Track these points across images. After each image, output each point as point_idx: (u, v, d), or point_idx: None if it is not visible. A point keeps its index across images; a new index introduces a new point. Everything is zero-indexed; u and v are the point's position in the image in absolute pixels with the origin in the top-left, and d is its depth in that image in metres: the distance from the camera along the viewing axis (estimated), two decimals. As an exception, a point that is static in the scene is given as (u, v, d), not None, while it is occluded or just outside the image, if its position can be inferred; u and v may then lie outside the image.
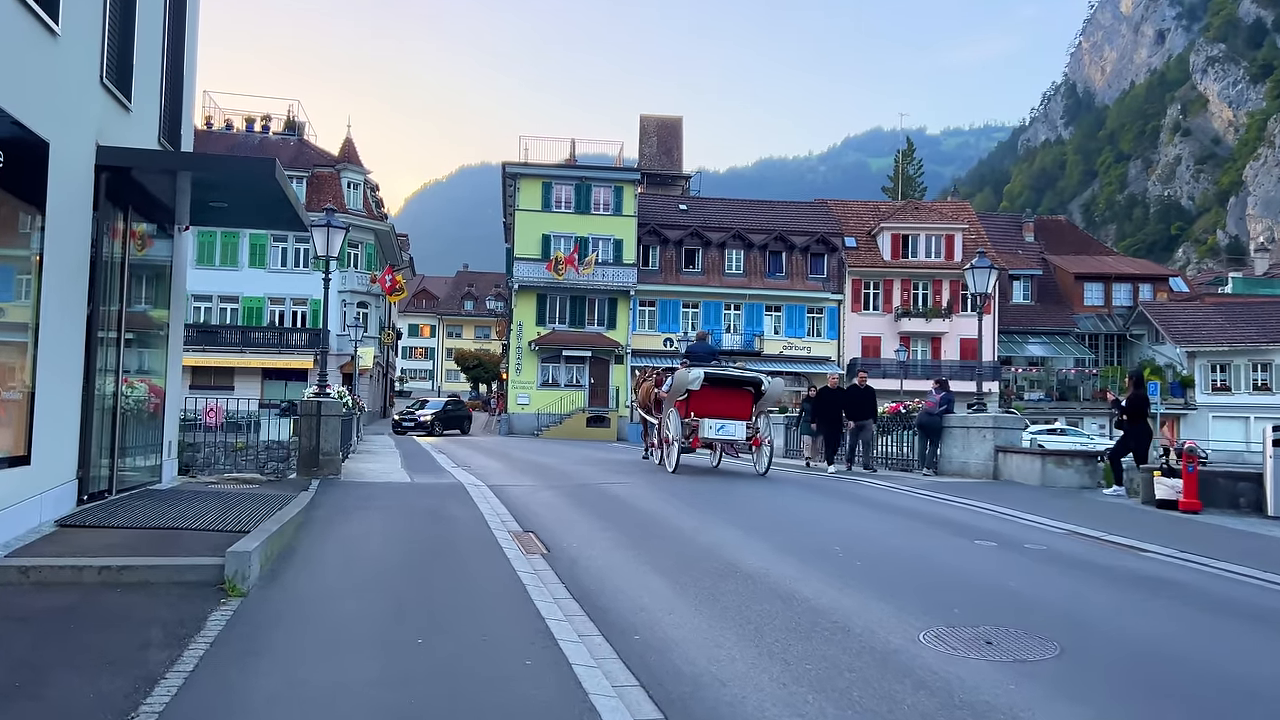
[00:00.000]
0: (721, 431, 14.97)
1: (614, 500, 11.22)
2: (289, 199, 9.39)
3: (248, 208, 10.04)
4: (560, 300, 45.66)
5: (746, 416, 15.23)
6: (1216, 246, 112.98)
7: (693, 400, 14.97)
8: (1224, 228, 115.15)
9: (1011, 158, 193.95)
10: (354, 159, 48.61)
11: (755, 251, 47.88)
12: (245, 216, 10.73)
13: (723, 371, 15.79)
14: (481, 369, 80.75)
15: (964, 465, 15.04)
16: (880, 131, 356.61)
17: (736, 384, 15.53)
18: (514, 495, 11.47)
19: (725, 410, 15.06)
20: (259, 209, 10.08)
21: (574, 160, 47.10)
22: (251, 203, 9.75)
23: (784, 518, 10.28)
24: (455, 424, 44.38)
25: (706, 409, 14.96)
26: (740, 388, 15.50)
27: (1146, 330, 51.16)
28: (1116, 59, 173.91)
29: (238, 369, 45.98)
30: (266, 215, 10.46)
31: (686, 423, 14.93)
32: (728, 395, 15.22)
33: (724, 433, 15.01)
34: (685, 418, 14.93)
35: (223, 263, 46.26)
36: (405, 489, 11.87)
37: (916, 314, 47.62)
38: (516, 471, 15.84)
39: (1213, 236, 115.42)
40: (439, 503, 10.48)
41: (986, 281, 15.23)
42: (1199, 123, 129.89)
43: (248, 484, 11.56)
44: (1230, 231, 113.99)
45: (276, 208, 9.82)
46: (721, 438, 15.15)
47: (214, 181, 9.16)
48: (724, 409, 15.07)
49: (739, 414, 15.15)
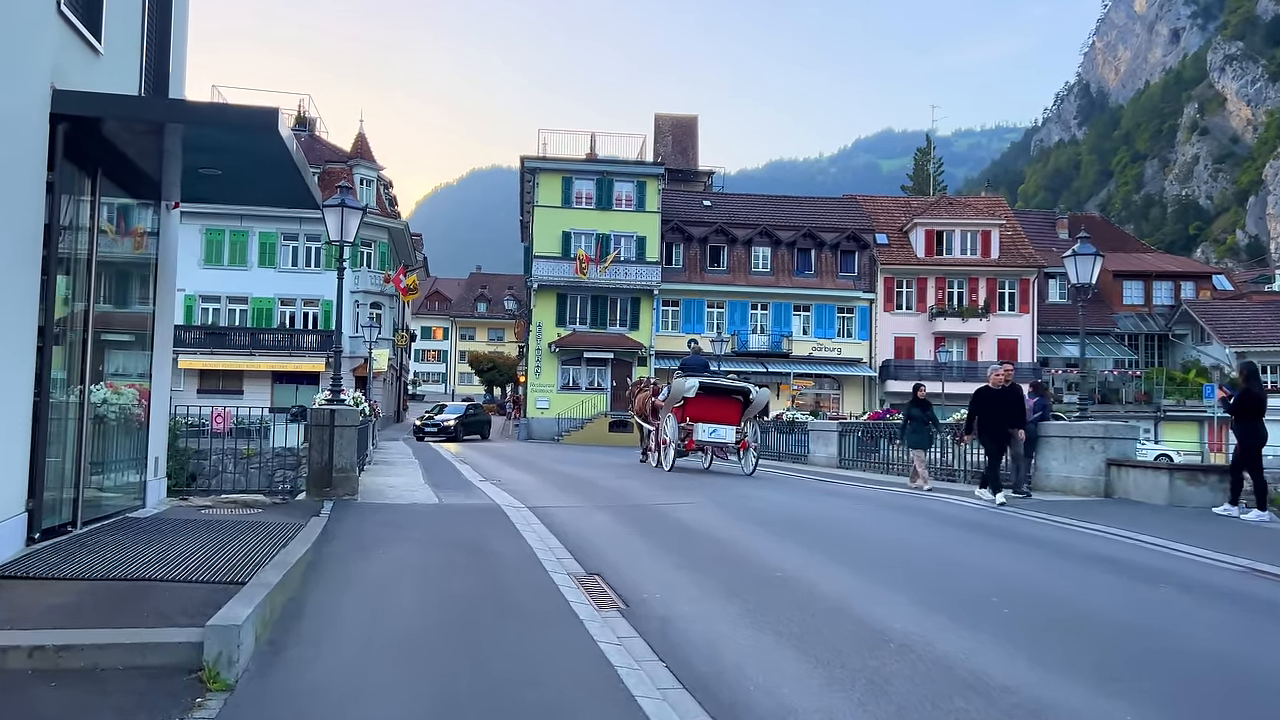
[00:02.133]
0: (713, 435, 16.73)
1: (681, 527, 9.43)
2: (295, 162, 7.65)
3: (245, 175, 8.30)
4: (581, 300, 43.90)
5: (736, 422, 16.89)
6: (1236, 246, 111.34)
7: (688, 407, 16.68)
8: (1243, 227, 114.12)
9: (1024, 158, 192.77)
10: (367, 155, 46.99)
11: (783, 249, 46.04)
12: (242, 188, 8.97)
13: (715, 381, 17.89)
14: (496, 371, 79.08)
15: (1066, 481, 13.20)
16: (891, 133, 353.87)
17: (727, 393, 17.26)
18: (561, 520, 9.71)
19: (717, 416, 16.77)
20: (259, 176, 8.34)
21: (594, 155, 45.35)
22: (250, 168, 8.02)
23: (903, 555, 8.46)
24: (476, 429, 42.68)
25: (700, 415, 16.67)
26: (730, 396, 17.17)
27: (1190, 330, 49.14)
28: (1131, 58, 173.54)
29: (247, 372, 44.44)
30: (268, 185, 8.72)
31: (682, 427, 16.66)
32: (719, 403, 16.89)
33: (715, 436, 16.75)
34: (681, 422, 16.66)
35: (231, 262, 44.75)
36: (434, 513, 10.11)
37: (952, 313, 45.69)
38: (553, 487, 14.08)
39: (1232, 236, 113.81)
40: (477, 533, 8.71)
41: (1091, 270, 13.36)
42: (1217, 121, 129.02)
43: (249, 507, 9.83)
44: (1250, 231, 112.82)
45: (279, 174, 8.08)
46: (713, 441, 16.88)
47: (202, 139, 7.42)
48: (716, 415, 16.77)
49: (729, 420, 16.83)
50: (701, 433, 16.60)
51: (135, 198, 8.65)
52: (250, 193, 9.31)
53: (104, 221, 7.77)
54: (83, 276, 7.23)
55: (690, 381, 16.70)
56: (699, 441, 16.82)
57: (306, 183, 8.22)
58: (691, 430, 16.62)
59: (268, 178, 8.29)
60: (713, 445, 17.14)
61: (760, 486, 14.21)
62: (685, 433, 16.67)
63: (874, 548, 8.53)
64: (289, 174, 7.93)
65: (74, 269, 7.06)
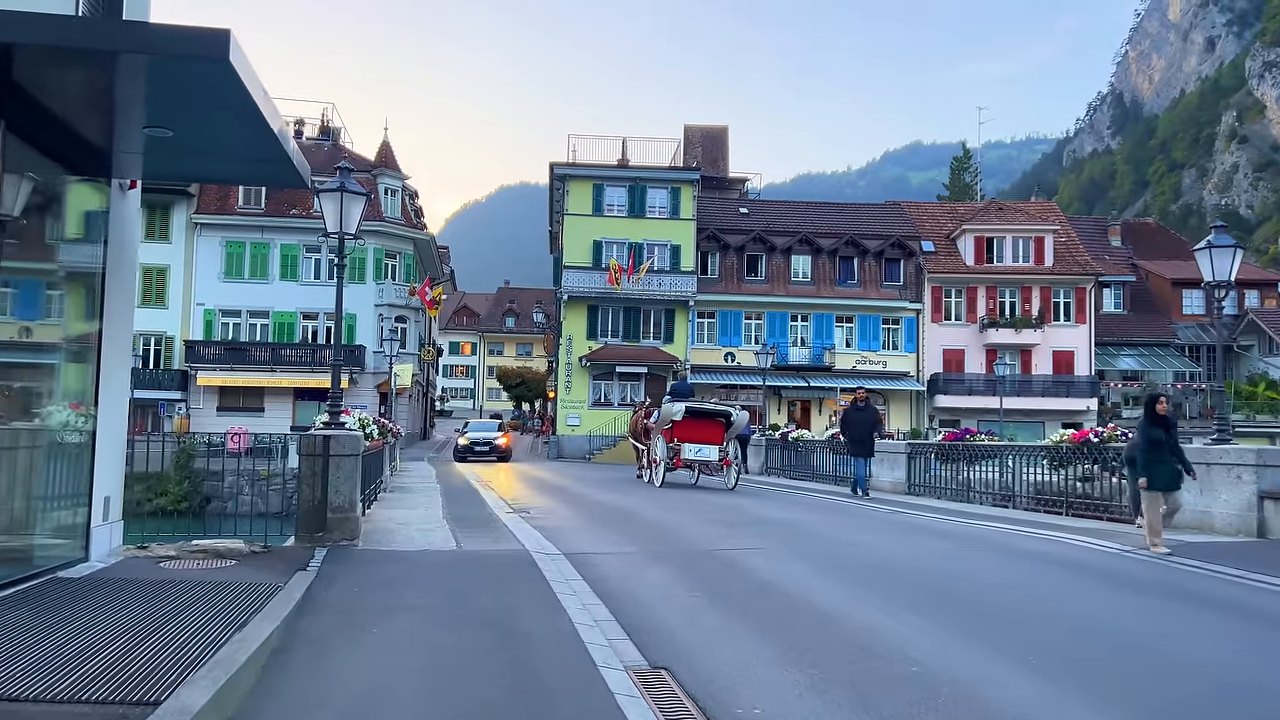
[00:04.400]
0: (699, 454, 18.55)
1: (763, 588, 7.41)
2: (262, 115, 5.77)
3: (205, 135, 6.45)
4: (613, 312, 41.97)
5: (719, 441, 18.66)
6: (1279, 256, 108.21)
7: (676, 428, 18.48)
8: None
9: (1056, 169, 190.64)
10: (391, 164, 45.48)
11: (824, 257, 43.89)
12: (207, 155, 7.03)
13: (700, 405, 19.64)
14: (524, 387, 77.30)
15: (1202, 516, 11.04)
16: (920, 145, 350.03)
17: (711, 416, 19.00)
18: (606, 575, 7.74)
19: (702, 437, 18.55)
20: (221, 136, 6.48)
21: (626, 161, 43.51)
22: (207, 123, 6.16)
23: (1075, 636, 6.38)
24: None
25: (687, 436, 18.48)
26: (714, 419, 18.91)
27: (1257, 340, 46.48)
28: (1165, 67, 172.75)
29: (268, 389, 42.94)
30: (237, 150, 6.81)
31: (670, 446, 18.54)
32: (704, 425, 18.66)
33: (700, 455, 18.58)
34: (670, 443, 18.55)
35: (252, 275, 43.33)
36: (450, 565, 8.15)
37: (1004, 324, 43.29)
38: (590, 521, 12.11)
39: (1274, 246, 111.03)
40: (503, 599, 6.75)
41: (1230, 266, 11.22)
42: (1256, 129, 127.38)
43: (222, 559, 7.94)
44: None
45: (245, 132, 6.22)
46: (699, 459, 18.72)
47: (134, 78, 5.55)
48: (701, 436, 18.55)
49: (713, 439, 18.60)
50: (688, 452, 18.50)
51: (72, 171, 6.82)
52: (218, 162, 7.41)
53: (18, 199, 5.94)
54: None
55: (677, 406, 18.52)
56: (686, 460, 18.73)
57: (282, 145, 6.34)
58: (679, 450, 18.51)
59: (232, 137, 6.43)
60: (698, 463, 18.99)
61: (843, 526, 12.17)
62: (673, 452, 18.57)
63: (1026, 623, 6.46)
64: (256, 131, 6.05)
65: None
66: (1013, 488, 14.95)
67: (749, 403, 42.45)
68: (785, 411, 42.73)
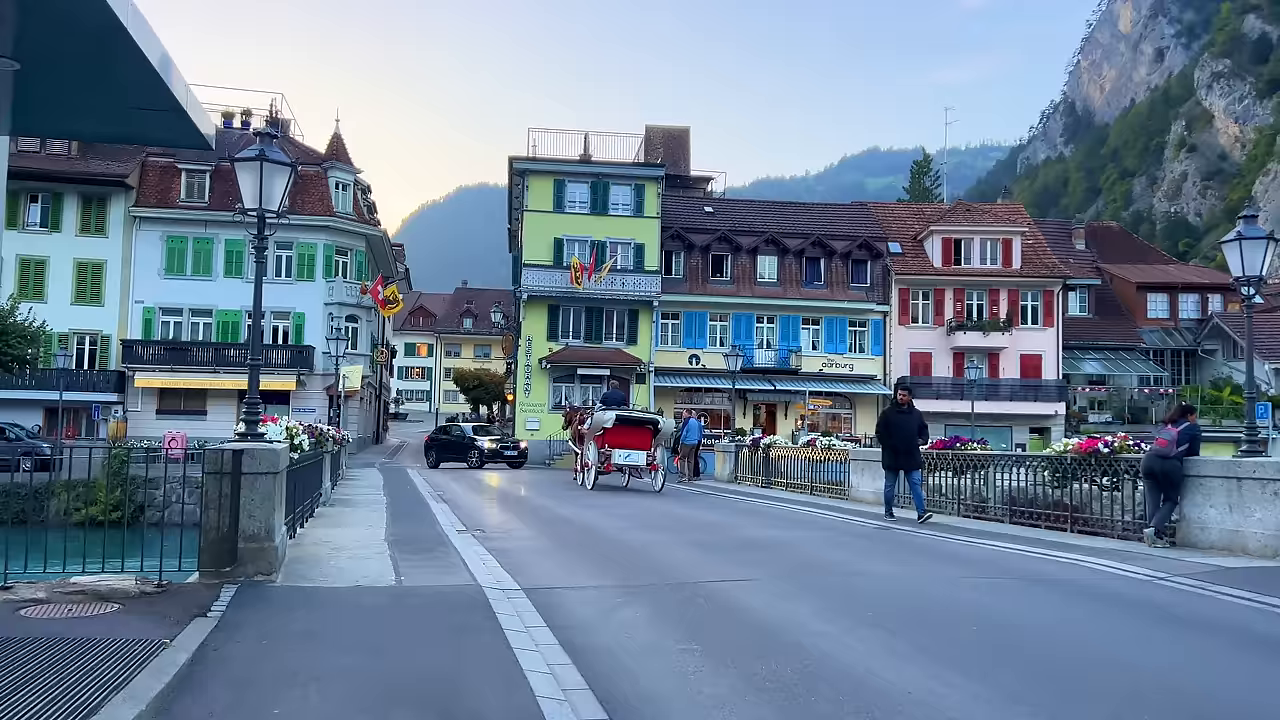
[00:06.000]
0: (628, 459, 19.84)
1: (764, 635, 6.10)
2: (131, 38, 4.36)
3: (66, 70, 5.00)
4: (574, 312, 40.55)
5: (647, 447, 19.97)
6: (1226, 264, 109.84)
7: (607, 435, 19.54)
8: None
9: (1011, 176, 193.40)
10: (343, 157, 43.65)
11: (790, 258, 42.86)
12: (72, 97, 5.57)
13: (629, 413, 20.55)
14: (482, 389, 75.46)
15: (1233, 537, 9.95)
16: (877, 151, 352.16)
17: (639, 423, 20.24)
18: (576, 621, 6.41)
19: (631, 443, 19.75)
20: (87, 71, 5.03)
21: (588, 156, 42.13)
22: (64, 50, 4.72)
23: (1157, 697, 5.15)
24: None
25: (617, 442, 19.63)
26: (643, 426, 20.19)
27: (1221, 344, 46.26)
28: (1116, 76, 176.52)
29: (211, 391, 40.89)
30: (110, 95, 5.38)
31: (602, 452, 19.70)
32: (633, 432, 19.85)
33: (630, 460, 19.87)
34: (601, 448, 19.69)
35: (195, 272, 41.25)
36: (385, 609, 6.72)
37: (972, 327, 42.57)
38: (557, 546, 10.74)
39: (1221, 253, 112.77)
40: (447, 659, 5.38)
41: (1262, 259, 10.15)
42: (1205, 139, 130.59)
43: (103, 603, 6.47)
44: None
45: (119, 70, 4.79)
46: (628, 464, 20.03)
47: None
48: (630, 442, 19.75)
49: (641, 445, 19.90)
50: (618, 457, 19.73)
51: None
52: (91, 111, 5.92)
53: None
54: None
55: (608, 414, 19.52)
56: (616, 464, 19.97)
57: (164, 83, 4.92)
58: (610, 455, 19.68)
59: (98, 73, 4.99)
60: (628, 467, 20.26)
61: (837, 548, 10.95)
62: (605, 456, 19.73)
63: (1096, 680, 5.21)
64: (127, 62, 4.62)
65: None
66: (1009, 500, 13.83)
67: (713, 406, 41.35)
68: (750, 415, 41.63)
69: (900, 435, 14.14)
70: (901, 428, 14.17)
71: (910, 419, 14.26)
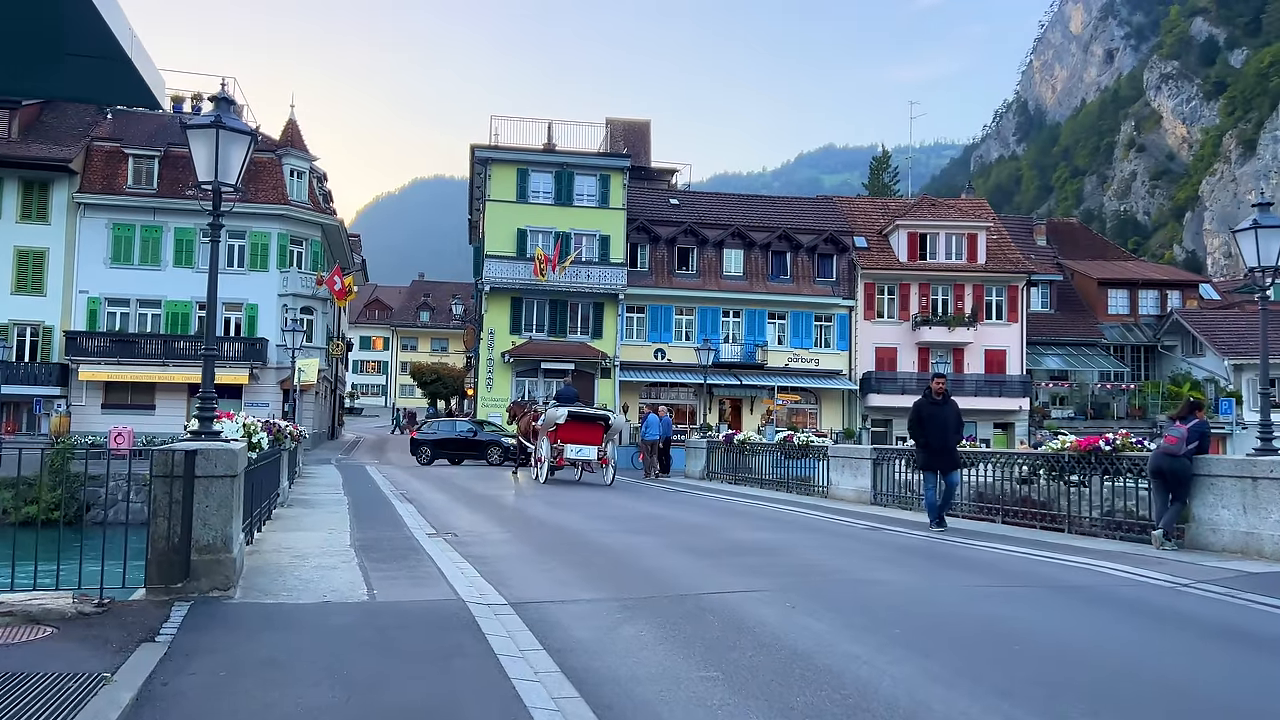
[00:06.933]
0: (580, 454, 20.46)
1: (789, 655, 5.46)
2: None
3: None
4: (538, 305, 39.72)
5: (598, 442, 20.58)
6: (1174, 261, 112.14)
7: (559, 431, 20.12)
8: (1180, 242, 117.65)
9: (965, 174, 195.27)
10: (298, 143, 42.32)
11: (757, 251, 42.41)
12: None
13: (581, 410, 21.08)
14: (440, 384, 74.29)
15: (1248, 538, 9.53)
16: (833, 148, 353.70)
17: (591, 419, 20.92)
18: (576, 643, 5.73)
19: (583, 438, 20.41)
20: (8, 7, 4.23)
21: (552, 146, 41.28)
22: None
23: None
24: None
25: (570, 438, 20.24)
26: (594, 422, 20.87)
27: (1180, 340, 46.64)
28: (1067, 77, 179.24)
29: (160, 385, 39.41)
30: (36, 37, 4.58)
31: (554, 447, 20.25)
32: (585, 428, 20.54)
33: (581, 455, 20.49)
34: (554, 443, 20.23)
35: (143, 261, 39.75)
36: (359, 629, 5.96)
37: (937, 322, 42.43)
38: (537, 550, 10.02)
39: (1169, 251, 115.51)
40: (435, 691, 4.67)
41: (1276, 249, 9.73)
42: (1153, 139, 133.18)
43: (37, 624, 5.67)
44: (1187, 246, 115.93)
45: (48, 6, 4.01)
46: (580, 458, 20.66)
47: None
48: (582, 437, 20.41)
49: (593, 441, 20.56)
50: (570, 452, 20.36)
51: None
52: (17, 57, 5.10)
53: None
54: None
55: (561, 411, 20.05)
56: (569, 459, 20.57)
57: (102, 20, 4.14)
58: (562, 450, 20.28)
59: (24, 6, 4.19)
60: (580, 462, 20.89)
61: (840, 553, 10.37)
62: (557, 451, 20.30)
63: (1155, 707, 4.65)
64: None
65: None
66: (1001, 500, 13.38)
67: (679, 401, 40.79)
68: (716, 410, 41.13)
69: (935, 430, 12.33)
70: (936, 421, 12.32)
71: (946, 411, 12.42)
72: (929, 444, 12.36)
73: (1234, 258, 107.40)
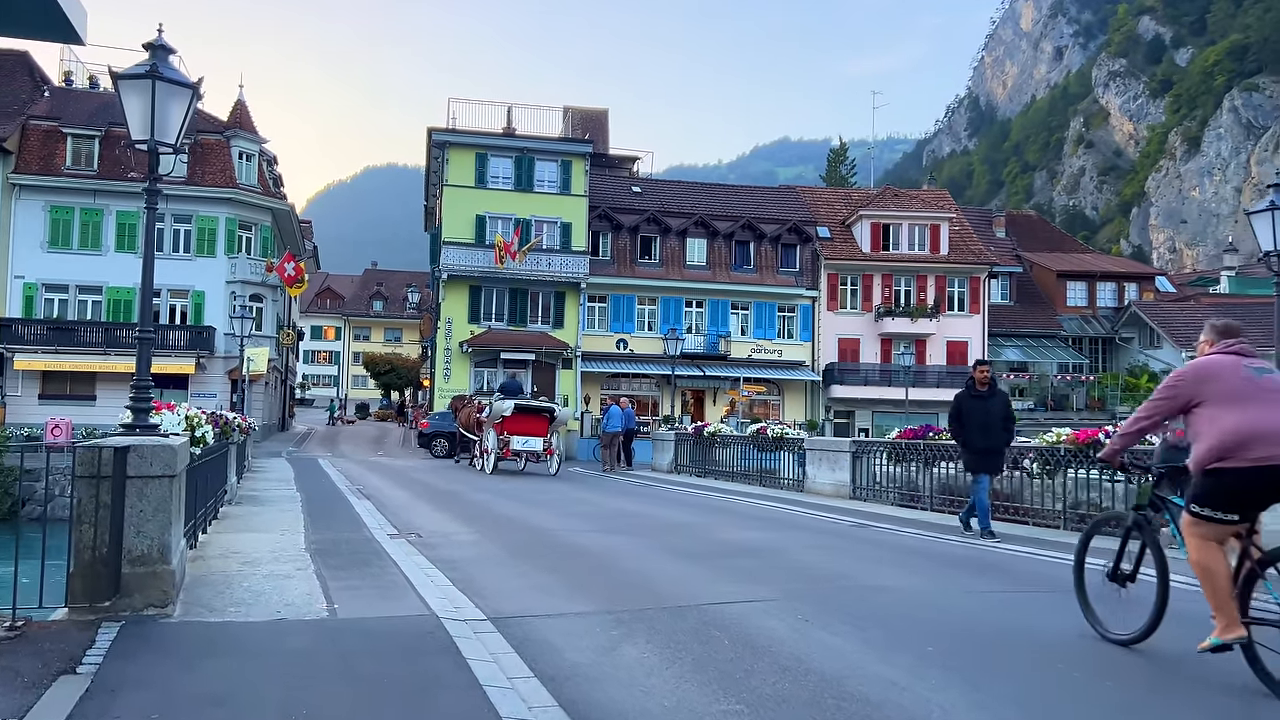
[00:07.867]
0: (526, 445, 20.86)
1: (821, 681, 4.78)
2: None
3: None
4: (497, 293, 38.76)
5: (544, 434, 21.14)
6: (1121, 255, 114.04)
7: (505, 423, 20.54)
8: (1127, 237, 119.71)
9: (917, 168, 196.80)
10: (247, 125, 40.87)
11: (720, 241, 41.82)
12: None
13: (527, 402, 21.80)
14: (394, 374, 72.80)
15: (1270, 537, 9.06)
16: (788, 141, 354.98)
17: (536, 411, 21.42)
18: (569, 668, 5.00)
19: (528, 430, 20.85)
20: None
21: (512, 130, 40.27)
22: None
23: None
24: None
25: (516, 429, 20.64)
26: (540, 414, 21.38)
27: (1137, 332, 46.98)
28: (1018, 73, 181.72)
29: (101, 375, 37.84)
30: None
31: (501, 439, 20.60)
32: (530, 420, 20.97)
33: (527, 446, 20.90)
34: (500, 435, 20.57)
35: (83, 245, 38.13)
36: (318, 655, 5.16)
37: (900, 313, 42.23)
38: (510, 553, 9.26)
39: (1116, 246, 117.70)
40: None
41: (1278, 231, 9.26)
42: (1101, 135, 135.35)
43: (-70, 652, 4.79)
44: (1134, 241, 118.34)
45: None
46: (526, 449, 20.99)
47: None
48: (527, 429, 20.85)
49: (538, 432, 21.04)
50: (516, 443, 20.72)
51: None
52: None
53: None
54: None
55: (507, 403, 20.53)
56: (514, 450, 20.88)
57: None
58: (509, 441, 20.62)
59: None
60: (526, 453, 21.16)
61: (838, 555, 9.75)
62: (503, 443, 20.61)
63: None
64: None
65: None
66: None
67: (641, 393, 40.08)
68: (679, 402, 40.52)
69: (978, 427, 10.59)
70: (979, 416, 10.60)
71: (991, 405, 10.67)
72: (969, 443, 10.69)
73: (1178, 252, 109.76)
